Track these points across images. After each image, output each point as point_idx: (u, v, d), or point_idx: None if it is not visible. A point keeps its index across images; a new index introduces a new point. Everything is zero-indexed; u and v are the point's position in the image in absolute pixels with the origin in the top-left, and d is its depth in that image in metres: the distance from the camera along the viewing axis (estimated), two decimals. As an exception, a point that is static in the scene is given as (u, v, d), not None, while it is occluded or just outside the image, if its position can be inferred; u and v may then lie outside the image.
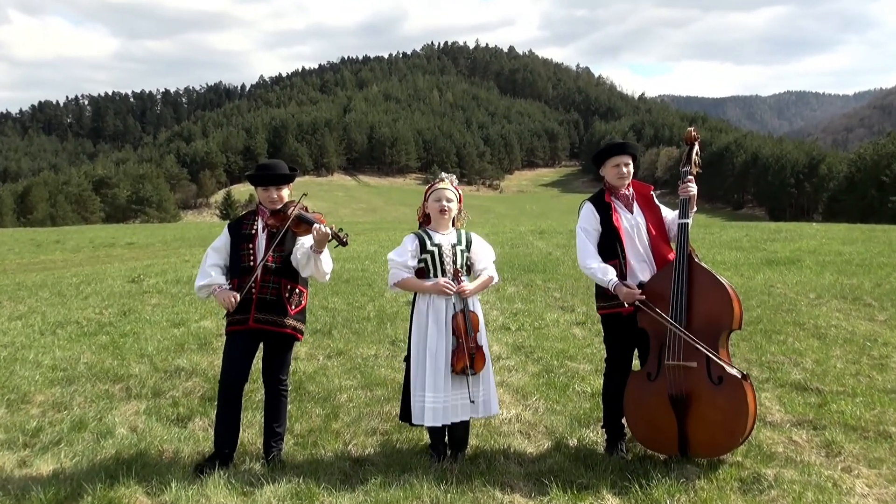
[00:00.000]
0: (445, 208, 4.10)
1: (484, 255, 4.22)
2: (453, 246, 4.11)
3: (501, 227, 25.90)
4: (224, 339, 4.21)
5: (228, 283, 4.08)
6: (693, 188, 4.11)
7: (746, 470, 3.81)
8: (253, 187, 4.28)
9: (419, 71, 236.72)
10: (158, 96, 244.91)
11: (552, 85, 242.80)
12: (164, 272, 13.38)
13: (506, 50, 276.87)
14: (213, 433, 4.21)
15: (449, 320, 4.00)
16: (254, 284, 3.99)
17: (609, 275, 4.03)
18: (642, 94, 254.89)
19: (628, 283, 4.00)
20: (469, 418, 4.08)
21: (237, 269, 4.07)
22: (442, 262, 4.06)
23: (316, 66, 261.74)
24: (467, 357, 3.95)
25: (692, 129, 4.27)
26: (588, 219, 4.20)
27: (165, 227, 44.74)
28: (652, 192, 4.31)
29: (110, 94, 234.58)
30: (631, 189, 4.24)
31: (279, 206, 4.12)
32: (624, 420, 4.19)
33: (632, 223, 4.14)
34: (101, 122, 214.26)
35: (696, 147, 4.24)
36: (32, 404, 5.26)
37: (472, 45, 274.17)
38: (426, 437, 4.25)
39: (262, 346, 4.16)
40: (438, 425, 3.98)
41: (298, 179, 4.33)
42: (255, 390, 5.05)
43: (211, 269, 4.09)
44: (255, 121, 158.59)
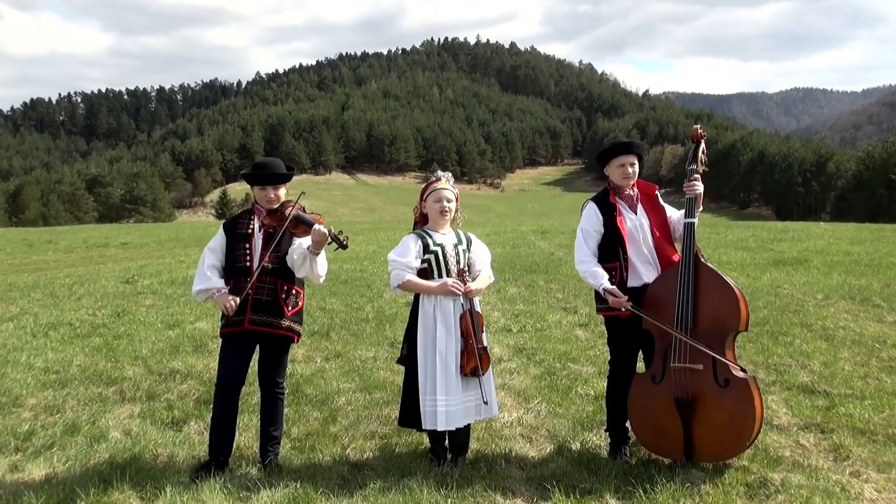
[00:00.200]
0: (446, 209, 4.10)
1: (483, 256, 4.26)
2: (455, 246, 4.12)
3: (503, 226, 25.91)
4: (220, 341, 4.21)
5: (227, 286, 4.08)
6: (699, 187, 4.10)
7: (753, 474, 3.81)
8: (249, 186, 4.27)
9: (419, 67, 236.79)
10: (153, 93, 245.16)
11: (554, 81, 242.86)
12: (159, 273, 13.38)
13: (507, 46, 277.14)
14: (208, 437, 4.21)
15: (457, 321, 4.00)
16: (248, 286, 3.99)
17: (599, 279, 4.05)
18: (646, 91, 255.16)
19: (615, 291, 4.00)
20: (472, 421, 4.08)
21: (233, 269, 4.07)
22: (446, 263, 4.06)
23: (314, 63, 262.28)
24: (477, 357, 3.96)
25: (698, 126, 4.27)
26: (590, 220, 4.20)
27: (160, 227, 44.75)
28: (657, 192, 4.31)
29: (104, 90, 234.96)
30: (635, 189, 4.24)
31: (276, 206, 4.12)
32: (628, 423, 4.19)
33: (636, 224, 4.14)
34: (94, 119, 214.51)
35: (703, 145, 4.24)
36: (24, 407, 5.26)
37: (472, 41, 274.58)
38: (426, 441, 4.25)
39: (258, 348, 4.17)
40: (453, 429, 3.99)
41: (295, 178, 4.33)
42: (251, 393, 5.05)
43: (209, 270, 4.09)
44: (251, 118, 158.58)
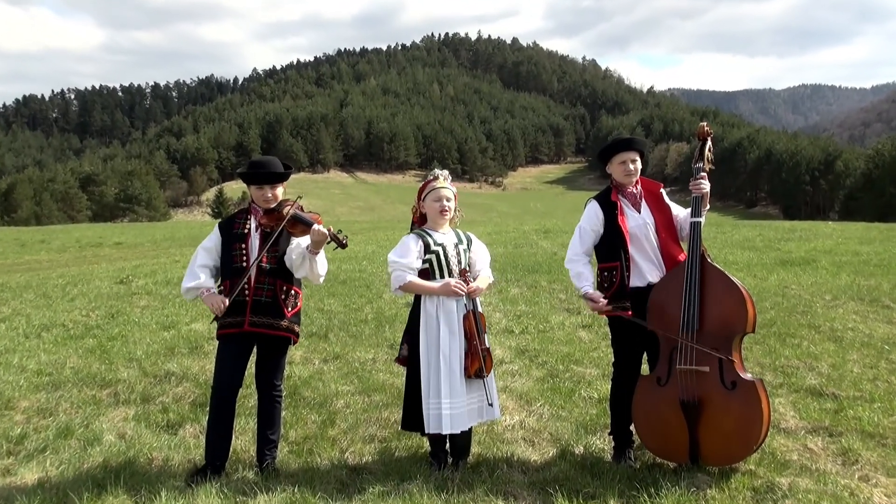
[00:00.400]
0: (446, 208, 4.10)
1: (483, 255, 4.27)
2: (456, 245, 4.12)
3: (504, 226, 25.91)
4: (216, 342, 4.21)
5: (218, 286, 4.08)
6: (706, 186, 4.10)
7: (760, 479, 3.81)
8: (246, 186, 4.27)
9: (419, 63, 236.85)
10: (147, 90, 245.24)
11: (557, 78, 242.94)
12: (154, 273, 13.39)
13: (509, 42, 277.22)
14: (204, 441, 4.21)
15: (461, 322, 4.01)
16: (247, 286, 3.99)
17: (582, 282, 4.16)
18: (651, 88, 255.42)
19: (593, 296, 4.08)
20: (474, 424, 4.08)
21: (229, 269, 4.06)
22: (448, 263, 4.06)
23: (311, 59, 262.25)
24: (481, 358, 3.97)
25: (705, 123, 4.27)
26: (590, 218, 4.20)
27: (155, 227, 44.76)
28: (661, 190, 4.31)
29: (97, 87, 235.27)
30: (639, 187, 4.24)
31: (273, 205, 4.12)
32: (632, 427, 4.19)
33: (639, 223, 4.14)
34: (87, 116, 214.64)
35: (709, 142, 4.24)
36: (17, 410, 5.26)
37: (473, 37, 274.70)
38: (426, 445, 4.25)
39: (255, 350, 4.17)
40: (458, 432, 3.98)
41: (293, 177, 4.33)
42: (248, 396, 5.05)
43: (200, 270, 4.09)
44: (248, 115, 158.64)
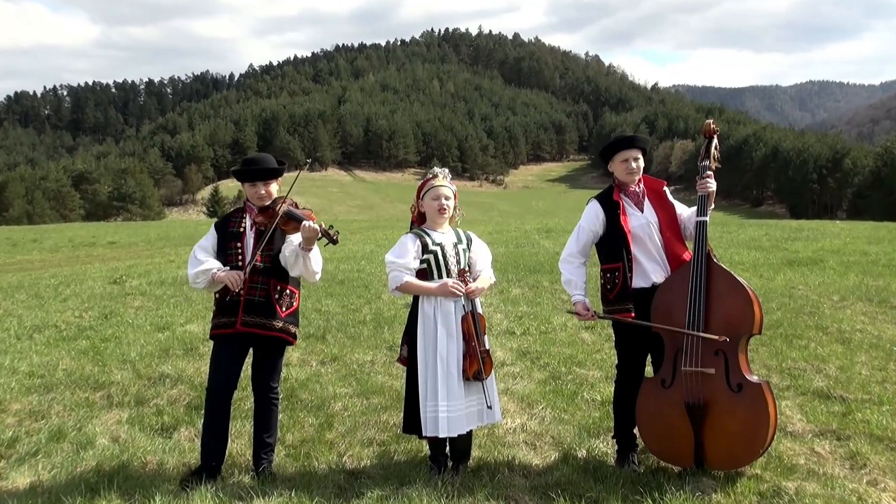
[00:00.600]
0: (445, 207, 4.09)
1: (483, 255, 4.25)
2: (455, 245, 4.12)
3: (506, 225, 25.89)
4: (211, 343, 4.21)
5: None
6: (712, 184, 4.10)
7: (766, 483, 3.81)
8: (240, 184, 4.27)
9: (418, 59, 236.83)
10: (141, 86, 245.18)
11: (560, 74, 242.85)
12: (148, 273, 13.39)
13: (510, 37, 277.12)
14: (199, 444, 4.21)
15: (458, 323, 4.00)
16: (241, 286, 3.98)
17: (572, 290, 4.23)
18: (655, 84, 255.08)
19: (579, 310, 4.18)
20: (474, 427, 4.07)
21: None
22: (446, 263, 4.06)
23: (309, 55, 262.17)
24: (479, 361, 3.96)
25: (711, 121, 4.27)
26: (590, 218, 4.21)
27: (149, 226, 44.77)
28: (665, 188, 4.31)
29: (90, 83, 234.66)
30: (642, 185, 4.24)
31: (268, 203, 4.11)
32: (636, 430, 4.19)
33: (642, 222, 4.14)
34: (80, 113, 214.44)
35: (715, 140, 4.24)
36: (8, 413, 5.26)
37: (474, 32, 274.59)
38: (426, 449, 4.25)
39: (251, 351, 4.16)
40: (455, 436, 3.99)
41: (290, 175, 4.32)
42: (243, 398, 5.05)
43: (202, 257, 4.07)
44: (244, 112, 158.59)
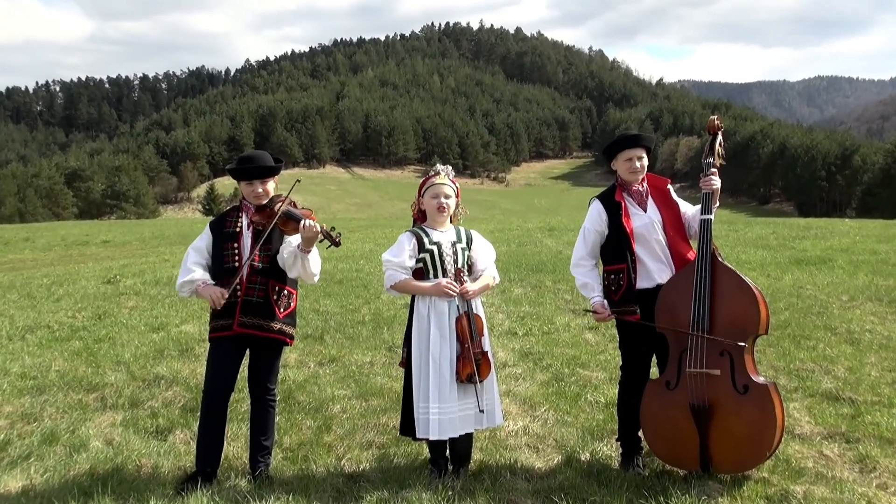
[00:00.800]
0: (444, 205, 4.08)
1: (485, 255, 4.22)
2: (453, 244, 4.10)
3: (507, 223, 25.90)
4: (207, 344, 4.22)
5: (213, 282, 4.07)
6: (716, 182, 4.10)
7: (773, 487, 3.81)
8: (236, 182, 4.27)
9: (418, 54, 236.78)
10: (136, 82, 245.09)
11: (562, 69, 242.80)
12: (142, 272, 13.40)
13: (512, 31, 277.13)
14: (195, 447, 4.22)
15: (452, 324, 3.99)
16: (239, 286, 3.99)
17: (589, 293, 4.21)
18: (660, 80, 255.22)
19: (595, 307, 4.17)
20: (473, 430, 4.07)
21: (220, 270, 4.06)
22: (442, 262, 4.05)
23: (306, 49, 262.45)
24: (473, 363, 3.95)
25: (715, 117, 4.28)
26: (594, 219, 4.21)
27: (143, 224, 44.76)
28: (669, 186, 4.31)
29: (84, 79, 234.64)
30: (645, 184, 4.24)
31: (265, 202, 4.11)
32: (640, 433, 4.19)
33: (645, 222, 4.14)
34: (73, 109, 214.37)
35: (720, 137, 4.24)
36: (0, 415, 5.26)
37: (475, 27, 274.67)
38: (426, 452, 4.25)
39: (248, 352, 4.17)
40: (446, 439, 3.99)
41: (287, 172, 4.32)
42: (240, 400, 5.06)
43: (193, 265, 4.09)
44: (240, 108, 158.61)
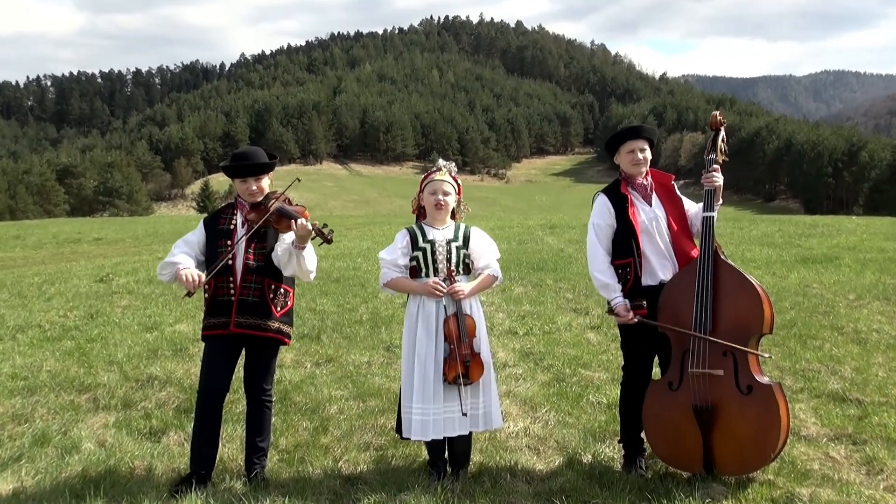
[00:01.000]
0: (441, 202, 4.07)
1: (484, 253, 4.16)
2: (448, 242, 4.08)
3: (508, 220, 25.90)
4: (202, 344, 4.22)
5: (203, 286, 4.04)
6: (718, 178, 4.11)
7: (779, 489, 3.82)
8: (230, 179, 4.26)
9: (417, 48, 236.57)
10: (129, 76, 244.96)
11: (564, 64, 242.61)
12: (136, 271, 13.39)
13: (513, 25, 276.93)
14: (189, 449, 4.22)
15: (440, 325, 3.98)
16: (233, 285, 3.99)
17: (611, 293, 4.12)
18: (664, 74, 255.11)
19: (621, 312, 4.06)
20: (469, 432, 4.05)
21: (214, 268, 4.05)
22: (434, 261, 4.05)
23: (303, 43, 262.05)
24: (461, 365, 3.93)
25: (718, 112, 4.29)
26: (601, 213, 4.20)
27: (136, 221, 44.72)
28: (673, 183, 4.32)
29: (75, 73, 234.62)
30: (649, 178, 4.25)
31: (259, 199, 4.11)
32: (643, 434, 4.20)
33: (650, 217, 4.15)
34: (65, 104, 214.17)
35: (723, 133, 4.25)
36: (-10, 417, 5.27)
37: (475, 20, 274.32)
38: (424, 453, 4.26)
39: (243, 352, 4.17)
40: (427, 439, 3.99)
41: (283, 168, 4.31)
42: (235, 401, 5.06)
43: (178, 252, 4.06)
44: (235, 103, 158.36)
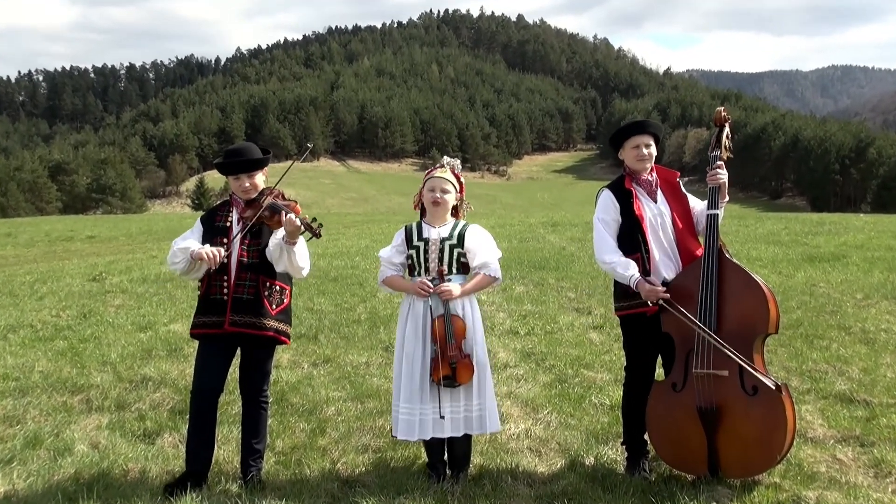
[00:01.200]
0: (438, 200, 4.07)
1: (481, 251, 4.10)
2: (442, 241, 4.07)
3: (509, 218, 25.91)
4: (196, 344, 4.22)
5: (197, 286, 4.03)
6: (723, 175, 4.11)
7: (785, 492, 3.82)
8: (224, 176, 4.26)
9: (416, 42, 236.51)
10: (122, 71, 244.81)
11: (566, 58, 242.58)
12: (129, 269, 13.40)
13: (514, 18, 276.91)
14: (184, 450, 4.22)
15: (428, 325, 3.98)
16: (227, 283, 3.98)
17: (630, 269, 4.01)
18: (668, 69, 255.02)
19: (651, 280, 3.99)
20: (462, 434, 4.02)
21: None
22: (427, 259, 4.05)
23: (300, 38, 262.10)
24: (447, 367, 3.91)
25: (722, 108, 4.28)
26: (606, 208, 4.20)
27: (130, 219, 44.76)
28: (678, 180, 4.32)
29: (68, 68, 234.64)
30: (654, 175, 4.25)
31: (254, 196, 4.11)
32: (646, 436, 4.20)
33: (655, 213, 4.14)
34: (57, 100, 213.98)
35: (727, 129, 4.25)
36: (-19, 418, 5.27)
37: (475, 14, 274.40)
38: (424, 455, 4.25)
39: (239, 352, 4.17)
40: (414, 439, 4.01)
41: (279, 165, 4.31)
42: (231, 402, 5.07)
43: (185, 241, 4.04)
44: (230, 99, 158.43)
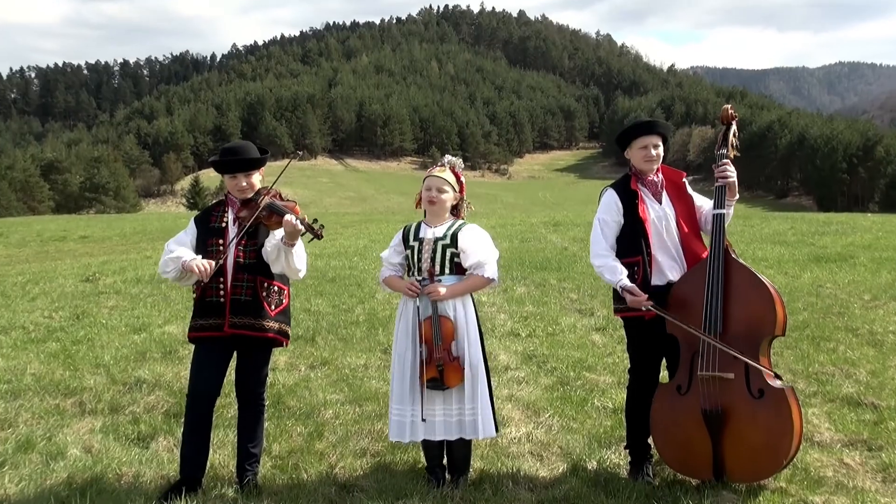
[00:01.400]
0: (434, 199, 4.08)
1: (474, 251, 4.05)
2: (435, 241, 4.07)
3: (510, 218, 25.93)
4: (192, 346, 4.21)
5: (192, 288, 4.04)
6: (732, 173, 4.10)
7: (791, 497, 3.82)
8: (220, 175, 4.26)
9: (415, 39, 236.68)
10: (116, 68, 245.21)
11: (568, 55, 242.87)
12: (123, 270, 13.41)
13: (515, 14, 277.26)
14: (179, 454, 4.22)
15: (416, 325, 3.99)
16: (223, 285, 3.98)
17: (618, 274, 4.02)
18: (672, 66, 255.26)
19: (633, 289, 3.96)
20: (455, 438, 4.00)
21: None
22: (419, 259, 4.05)
23: (297, 34, 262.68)
24: (434, 369, 3.91)
25: (729, 106, 4.29)
26: (608, 208, 4.19)
27: (124, 219, 44.75)
28: (684, 180, 4.31)
29: (60, 65, 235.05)
30: (660, 175, 4.24)
31: (250, 195, 4.10)
32: (650, 440, 4.20)
33: (659, 215, 4.14)
34: (49, 97, 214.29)
35: (734, 127, 4.25)
36: (-28, 421, 5.27)
37: (475, 9, 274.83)
38: (423, 460, 4.25)
39: (235, 354, 4.16)
40: (405, 441, 4.04)
41: (276, 163, 4.31)
42: (227, 405, 5.06)
43: (178, 248, 4.04)
44: (226, 96, 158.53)
